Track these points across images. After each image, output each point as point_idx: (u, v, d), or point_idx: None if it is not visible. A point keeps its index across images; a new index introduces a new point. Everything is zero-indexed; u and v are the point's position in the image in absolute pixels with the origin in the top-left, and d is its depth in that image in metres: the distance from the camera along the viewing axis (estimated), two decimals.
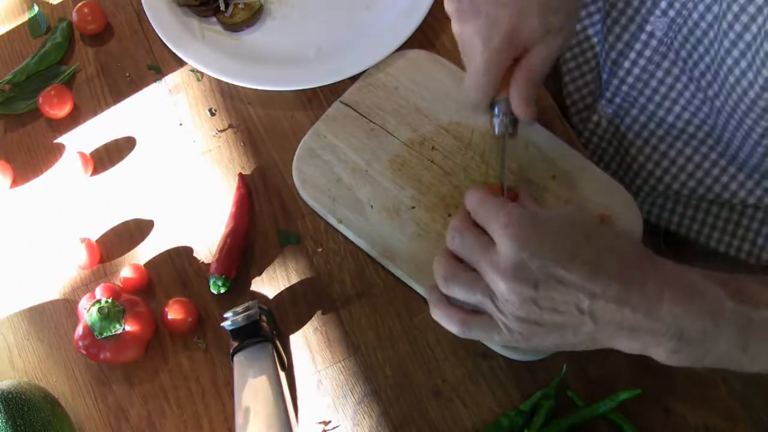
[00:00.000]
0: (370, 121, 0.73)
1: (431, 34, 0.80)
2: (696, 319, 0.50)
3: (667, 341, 0.51)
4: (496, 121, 0.64)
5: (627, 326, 0.51)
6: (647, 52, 0.72)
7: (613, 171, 0.82)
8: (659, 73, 0.73)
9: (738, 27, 0.60)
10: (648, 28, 0.71)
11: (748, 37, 0.60)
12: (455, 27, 0.64)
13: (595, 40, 0.82)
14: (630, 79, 0.75)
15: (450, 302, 0.58)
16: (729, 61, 0.63)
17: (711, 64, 0.66)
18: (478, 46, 0.61)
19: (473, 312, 0.56)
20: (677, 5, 0.67)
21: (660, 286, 0.51)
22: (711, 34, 0.65)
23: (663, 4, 0.69)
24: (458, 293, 0.56)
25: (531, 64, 0.62)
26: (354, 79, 0.76)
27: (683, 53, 0.69)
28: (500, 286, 0.52)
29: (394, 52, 0.77)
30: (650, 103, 0.75)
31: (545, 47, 0.61)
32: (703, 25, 0.66)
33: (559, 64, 0.86)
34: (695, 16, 0.66)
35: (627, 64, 0.75)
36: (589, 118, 0.82)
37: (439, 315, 0.58)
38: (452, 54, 0.77)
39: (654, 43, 0.71)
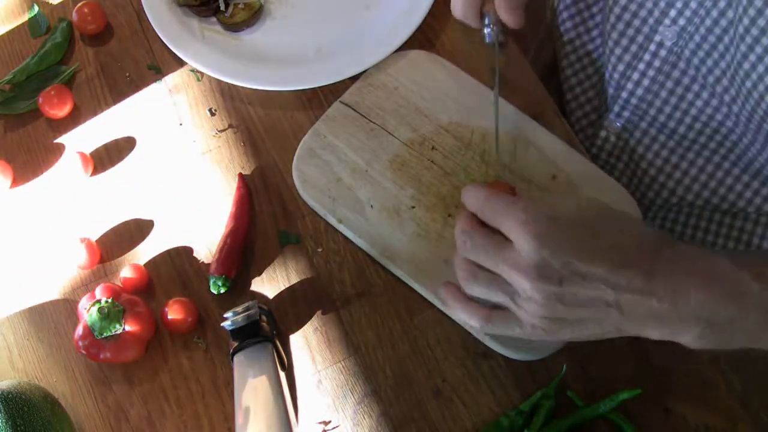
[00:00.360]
0: (370, 121, 0.73)
1: (431, 34, 0.80)
2: (723, 304, 0.50)
3: (693, 327, 0.50)
4: (487, 31, 0.69)
5: (655, 315, 0.51)
6: (657, 63, 0.71)
7: (624, 185, 0.80)
8: (669, 83, 0.72)
9: (755, 31, 0.59)
10: (657, 38, 0.70)
11: (765, 40, 0.59)
12: None
13: (595, 55, 0.82)
14: (639, 91, 0.74)
15: (469, 298, 0.57)
16: (746, 66, 0.62)
17: (727, 69, 0.65)
18: None
19: (494, 307, 0.56)
20: (687, 13, 0.66)
21: (684, 274, 0.50)
22: (726, 39, 0.64)
23: (672, 13, 0.68)
24: (480, 293, 0.55)
25: None
26: (354, 79, 0.76)
27: (695, 60, 0.68)
28: (524, 285, 0.51)
29: (394, 52, 0.77)
30: (661, 114, 0.74)
31: None
32: (717, 30, 0.65)
33: (560, 81, 0.86)
34: (708, 22, 0.65)
35: (636, 75, 0.74)
36: (596, 134, 0.81)
37: (460, 312, 0.57)
38: (452, 54, 0.77)
39: (663, 52, 0.70)
